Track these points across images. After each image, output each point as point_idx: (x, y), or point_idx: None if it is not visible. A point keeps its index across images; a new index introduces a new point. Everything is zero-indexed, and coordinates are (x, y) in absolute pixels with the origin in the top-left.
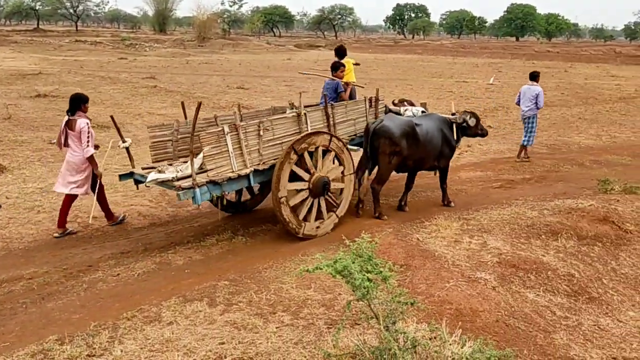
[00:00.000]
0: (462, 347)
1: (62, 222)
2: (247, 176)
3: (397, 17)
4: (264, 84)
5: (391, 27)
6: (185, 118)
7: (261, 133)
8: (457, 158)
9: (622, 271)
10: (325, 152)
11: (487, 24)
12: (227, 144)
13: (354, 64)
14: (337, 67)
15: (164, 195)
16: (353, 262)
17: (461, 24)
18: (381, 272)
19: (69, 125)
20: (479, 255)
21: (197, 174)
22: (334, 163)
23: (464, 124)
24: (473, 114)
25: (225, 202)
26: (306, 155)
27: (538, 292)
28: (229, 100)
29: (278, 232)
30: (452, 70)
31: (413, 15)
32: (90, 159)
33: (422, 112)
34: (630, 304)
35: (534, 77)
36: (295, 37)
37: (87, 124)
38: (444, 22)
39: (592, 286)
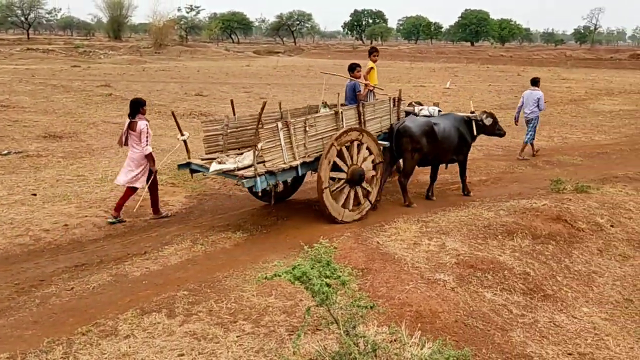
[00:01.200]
0: (421, 349)
1: (118, 207)
2: (295, 167)
3: (355, 23)
4: (223, 90)
5: (349, 32)
6: (234, 115)
7: (307, 129)
8: None
9: (575, 268)
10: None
11: (442, 30)
12: (280, 139)
13: (370, 68)
14: (353, 68)
15: None
16: (312, 268)
17: (418, 30)
18: (340, 276)
19: (131, 126)
20: (438, 257)
21: (250, 166)
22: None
23: (480, 122)
24: (490, 114)
25: (278, 189)
26: (345, 149)
27: (495, 292)
28: (187, 107)
29: (238, 240)
30: (409, 75)
31: (370, 21)
32: (149, 156)
33: (439, 111)
34: (583, 300)
35: (535, 82)
36: (254, 44)
37: (147, 125)
38: (401, 27)
39: (546, 284)
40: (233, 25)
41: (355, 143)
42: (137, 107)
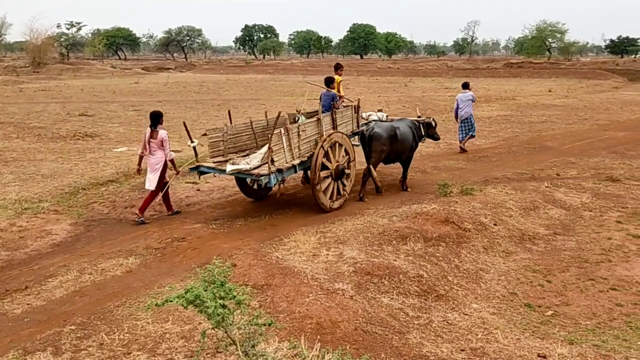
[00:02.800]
0: None
1: (142, 209)
2: (294, 166)
3: (247, 38)
4: (110, 109)
5: (241, 47)
6: (231, 123)
7: (300, 133)
8: None
9: (464, 267)
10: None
11: (332, 43)
12: (283, 142)
13: (339, 82)
14: (331, 81)
15: None
16: (205, 290)
17: (309, 44)
18: (235, 296)
19: (152, 135)
20: (337, 267)
21: (259, 166)
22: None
23: (432, 124)
24: (434, 120)
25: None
26: (330, 150)
27: (392, 296)
28: (71, 128)
29: (131, 266)
30: (303, 88)
31: (262, 35)
32: (172, 161)
33: (387, 116)
34: (473, 297)
35: (466, 86)
36: (142, 60)
37: (166, 133)
38: (293, 42)
39: (439, 284)
40: (119, 42)
41: (337, 145)
42: (157, 118)
